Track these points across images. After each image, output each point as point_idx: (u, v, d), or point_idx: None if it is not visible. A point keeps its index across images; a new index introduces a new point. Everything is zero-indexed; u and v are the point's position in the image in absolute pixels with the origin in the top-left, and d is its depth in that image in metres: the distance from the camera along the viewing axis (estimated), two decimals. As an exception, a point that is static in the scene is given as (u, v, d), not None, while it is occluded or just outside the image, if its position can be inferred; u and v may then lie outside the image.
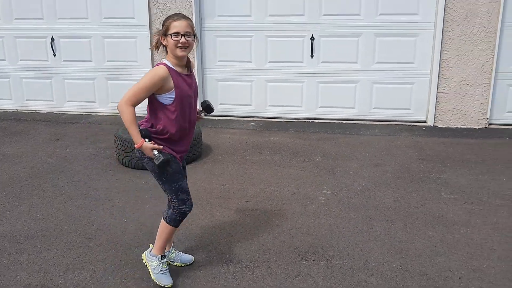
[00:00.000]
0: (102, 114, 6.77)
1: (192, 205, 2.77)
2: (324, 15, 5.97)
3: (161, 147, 2.61)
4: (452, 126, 5.90)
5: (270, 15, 6.11)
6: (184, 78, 2.66)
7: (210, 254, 3.11)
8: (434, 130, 5.83)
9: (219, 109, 6.49)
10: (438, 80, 5.79)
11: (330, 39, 6.04)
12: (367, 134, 5.73)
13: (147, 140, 2.58)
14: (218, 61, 6.38)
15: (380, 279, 2.84)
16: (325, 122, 6.24)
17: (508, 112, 5.86)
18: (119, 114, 2.60)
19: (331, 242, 3.27)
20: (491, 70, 5.65)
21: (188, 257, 3.03)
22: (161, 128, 2.63)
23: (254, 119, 6.44)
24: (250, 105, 6.45)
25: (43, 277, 2.90)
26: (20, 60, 6.86)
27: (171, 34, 2.57)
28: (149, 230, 3.44)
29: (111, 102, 6.72)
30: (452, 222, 3.52)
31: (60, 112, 6.91)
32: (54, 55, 6.72)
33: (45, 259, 3.10)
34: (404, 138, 5.55)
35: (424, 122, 6.05)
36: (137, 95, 2.54)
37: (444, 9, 5.57)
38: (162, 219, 2.79)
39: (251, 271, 2.92)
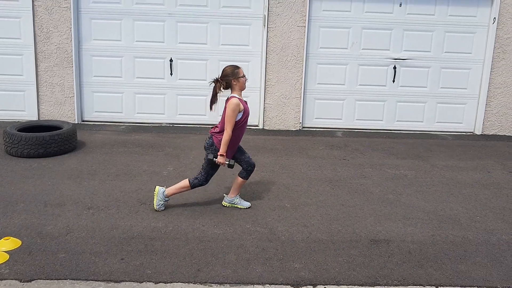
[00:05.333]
0: (-12, 120, 7.75)
1: (254, 162, 4.58)
2: (180, 42, 7.67)
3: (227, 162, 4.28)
4: (276, 129, 7.87)
5: (137, 41, 7.66)
6: (245, 103, 4.29)
7: (84, 204, 4.53)
8: (262, 131, 7.75)
9: (94, 116, 7.86)
10: (264, 95, 7.74)
11: (185, 61, 7.74)
12: (213, 134, 7.47)
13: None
14: (94, 76, 7.75)
15: (190, 211, 4.45)
16: (183, 126, 7.87)
17: (316, 118, 7.99)
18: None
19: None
20: (301, 87, 7.73)
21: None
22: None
23: (124, 123, 7.88)
24: (121, 112, 7.89)
25: None
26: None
27: (241, 76, 4.25)
28: (32, 193, 4.75)
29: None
30: (250, 183, 5.28)
31: None
32: None
33: None
34: (239, 136, 7.37)
35: (256, 126, 7.97)
36: (233, 122, 4.16)
37: (267, 43, 7.56)
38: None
39: (105, 211, 4.38)
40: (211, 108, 4.36)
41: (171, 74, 7.76)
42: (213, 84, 4.34)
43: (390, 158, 6.42)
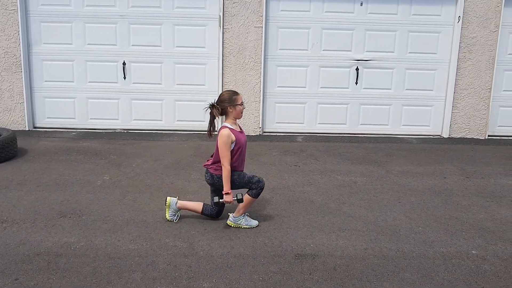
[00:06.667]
0: None
1: (263, 180, 4.10)
2: (133, 45, 7.40)
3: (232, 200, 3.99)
4: (235, 134, 7.58)
5: (89, 44, 7.38)
6: (238, 133, 4.00)
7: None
8: (220, 137, 7.45)
9: (46, 122, 7.57)
10: (222, 98, 7.45)
11: (139, 64, 7.46)
12: (167, 140, 7.17)
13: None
14: (45, 81, 7.47)
15: (110, 225, 4.16)
16: (137, 132, 7.58)
17: (276, 123, 7.70)
18: None
19: (88, 207, 4.54)
20: (260, 90, 7.44)
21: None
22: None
23: (77, 130, 7.59)
24: (73, 118, 7.60)
25: None
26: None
27: (239, 104, 3.95)
28: None
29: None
30: (186, 191, 4.99)
31: None
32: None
33: None
34: (193, 142, 7.08)
35: (216, 131, 7.65)
36: (227, 155, 3.87)
37: (223, 44, 7.28)
38: (247, 195, 4.06)
39: (19, 225, 4.09)
40: (209, 135, 4.10)
41: (125, 78, 7.48)
42: (209, 110, 4.04)
43: (344, 164, 6.12)
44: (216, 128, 4.10)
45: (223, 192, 3.98)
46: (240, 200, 4.05)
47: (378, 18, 7.38)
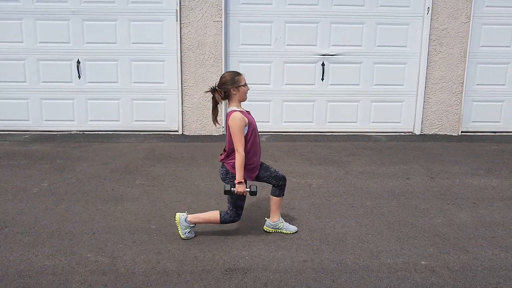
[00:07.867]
0: None
1: (284, 176, 3.82)
2: (87, 42, 7.04)
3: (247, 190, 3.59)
4: (197, 134, 7.24)
5: (40, 42, 7.01)
6: (248, 115, 3.64)
7: None
8: (181, 137, 7.11)
9: (-2, 125, 7.24)
10: (182, 97, 7.12)
11: (94, 62, 7.10)
12: (122, 141, 6.83)
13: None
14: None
15: (32, 237, 3.82)
16: (94, 134, 7.23)
17: (240, 121, 7.35)
18: None
19: (15, 218, 4.19)
20: (222, 88, 7.09)
21: (294, 228, 4.00)
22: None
23: (31, 132, 7.24)
24: (27, 120, 7.25)
25: None
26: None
27: (242, 85, 3.61)
28: None
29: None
30: (125, 199, 4.64)
31: None
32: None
33: None
34: (149, 143, 6.73)
35: (176, 131, 7.33)
36: (242, 139, 3.49)
37: (181, 40, 6.93)
38: (218, 212, 3.76)
39: None
40: (215, 123, 3.76)
41: (79, 77, 7.12)
42: (211, 94, 3.69)
43: (303, 165, 5.80)
44: (218, 113, 3.75)
45: (236, 182, 3.55)
46: (253, 193, 3.61)
47: (344, 10, 7.04)
